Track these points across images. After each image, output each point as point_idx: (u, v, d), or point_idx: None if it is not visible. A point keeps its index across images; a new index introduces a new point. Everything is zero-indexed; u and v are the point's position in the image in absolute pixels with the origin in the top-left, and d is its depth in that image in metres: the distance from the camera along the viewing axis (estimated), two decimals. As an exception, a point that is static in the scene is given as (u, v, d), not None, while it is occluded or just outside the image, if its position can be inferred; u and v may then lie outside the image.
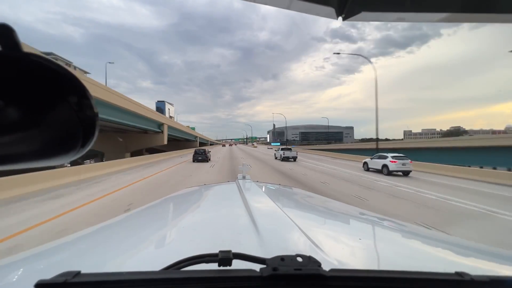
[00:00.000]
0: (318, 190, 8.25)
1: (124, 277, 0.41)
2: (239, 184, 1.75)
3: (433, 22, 0.53)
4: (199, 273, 0.44)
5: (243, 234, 0.86)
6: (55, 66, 0.27)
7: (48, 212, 5.66)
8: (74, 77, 0.29)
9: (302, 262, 0.47)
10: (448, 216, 5.81)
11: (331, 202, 1.77)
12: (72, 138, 0.30)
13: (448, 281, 0.46)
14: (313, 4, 0.47)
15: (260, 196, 1.46)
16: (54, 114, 0.28)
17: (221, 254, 0.47)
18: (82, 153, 0.31)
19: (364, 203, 6.83)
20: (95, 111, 0.31)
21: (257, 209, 1.05)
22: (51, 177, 8.99)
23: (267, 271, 0.44)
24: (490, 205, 6.82)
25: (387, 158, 13.54)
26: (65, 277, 0.40)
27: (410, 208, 6.41)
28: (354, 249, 0.82)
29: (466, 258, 0.86)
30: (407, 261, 0.79)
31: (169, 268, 0.49)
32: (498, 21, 0.51)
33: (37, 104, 0.27)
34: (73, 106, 0.29)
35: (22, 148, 0.27)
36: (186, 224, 1.08)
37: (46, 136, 0.28)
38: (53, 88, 0.27)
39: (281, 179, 10.96)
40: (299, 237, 0.78)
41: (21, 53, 0.25)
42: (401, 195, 7.98)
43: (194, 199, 1.67)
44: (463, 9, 0.49)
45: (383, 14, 0.50)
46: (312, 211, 1.48)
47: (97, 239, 1.00)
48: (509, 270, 0.78)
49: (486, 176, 12.24)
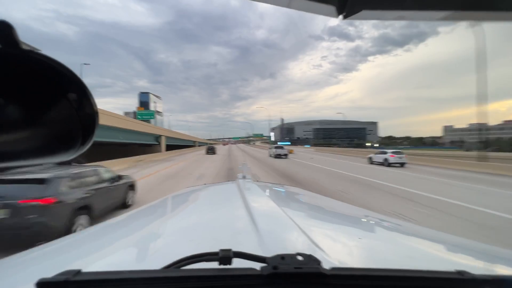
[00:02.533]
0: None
1: (125, 275, 0.41)
2: (239, 184, 1.75)
3: (434, 20, 0.52)
4: (200, 271, 0.44)
5: (243, 234, 0.86)
6: (55, 64, 0.27)
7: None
8: (75, 75, 0.28)
9: (302, 260, 0.46)
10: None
11: (331, 202, 1.76)
12: (72, 136, 0.29)
13: (449, 279, 0.45)
14: (313, 3, 0.47)
15: (260, 195, 1.45)
16: (54, 112, 0.27)
17: (221, 252, 0.47)
18: (82, 151, 0.31)
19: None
20: (95, 109, 0.30)
21: (257, 209, 1.05)
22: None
23: (268, 269, 0.43)
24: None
25: (387, 153, 17.26)
26: (66, 276, 0.40)
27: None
28: (354, 248, 0.82)
29: (467, 257, 0.85)
30: (407, 260, 0.78)
31: (169, 266, 0.49)
32: (499, 19, 0.50)
33: (37, 102, 0.26)
34: (73, 104, 0.28)
35: (22, 145, 0.26)
36: (186, 223, 1.08)
37: (46, 134, 0.27)
38: (53, 86, 0.27)
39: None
40: (299, 237, 0.78)
41: (20, 51, 0.25)
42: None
43: (194, 199, 1.67)
44: (464, 7, 0.48)
45: (384, 12, 0.49)
46: (312, 210, 1.47)
47: (97, 239, 1.01)
48: (510, 269, 0.78)
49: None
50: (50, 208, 3.55)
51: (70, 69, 0.28)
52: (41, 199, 3.50)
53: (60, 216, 3.69)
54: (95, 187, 4.74)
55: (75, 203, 4.03)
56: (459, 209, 6.07)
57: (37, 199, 3.48)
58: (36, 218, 3.42)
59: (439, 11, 0.49)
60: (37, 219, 3.42)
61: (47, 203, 3.53)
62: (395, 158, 16.74)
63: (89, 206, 4.35)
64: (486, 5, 0.49)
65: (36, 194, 3.53)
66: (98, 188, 4.83)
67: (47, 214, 3.51)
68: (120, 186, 5.86)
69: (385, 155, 17.35)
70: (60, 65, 0.27)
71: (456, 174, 13.16)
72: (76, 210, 4.00)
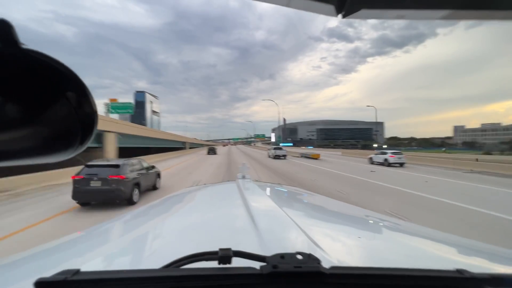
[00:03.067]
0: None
1: (124, 275, 0.41)
2: (238, 184, 1.73)
3: (434, 19, 0.50)
4: (199, 270, 0.43)
5: (243, 233, 0.85)
6: (54, 63, 0.27)
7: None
8: (74, 74, 0.28)
9: (302, 259, 0.46)
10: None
11: (331, 201, 1.76)
12: (70, 135, 0.29)
13: (448, 278, 0.45)
14: (312, 2, 0.46)
15: (259, 195, 1.44)
16: (52, 111, 0.27)
17: (221, 252, 0.46)
18: (80, 150, 0.31)
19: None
20: (94, 108, 0.30)
21: (256, 209, 1.04)
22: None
23: (267, 268, 0.43)
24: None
25: (387, 154, 18.50)
26: (64, 275, 0.40)
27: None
28: (354, 247, 0.82)
29: (467, 257, 0.85)
30: (407, 259, 0.78)
31: (169, 266, 0.49)
32: (499, 19, 0.50)
33: (36, 101, 0.26)
34: (72, 103, 0.28)
35: (20, 145, 0.26)
36: (186, 223, 1.09)
37: (45, 133, 0.27)
38: (52, 85, 0.27)
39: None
40: (299, 236, 0.77)
41: (20, 50, 0.24)
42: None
43: (194, 199, 1.67)
44: (464, 6, 0.48)
45: (383, 11, 0.48)
46: (312, 210, 1.48)
47: (97, 238, 1.01)
48: (509, 268, 0.78)
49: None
50: (123, 181, 6.23)
51: (69, 67, 0.28)
52: (118, 176, 6.17)
53: (127, 186, 6.36)
54: (141, 172, 7.39)
55: (133, 180, 6.70)
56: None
57: (116, 175, 6.16)
58: (116, 186, 6.11)
59: (439, 10, 0.48)
60: (116, 187, 6.12)
61: (121, 178, 6.20)
62: (394, 158, 17.78)
63: (139, 183, 7.00)
64: (486, 4, 0.48)
65: (115, 173, 6.21)
66: (143, 173, 7.48)
67: (121, 184, 6.19)
68: (153, 173, 8.51)
69: (385, 155, 18.49)
70: (59, 63, 0.27)
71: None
72: (133, 185, 6.66)
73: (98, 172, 6.19)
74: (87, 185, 6.04)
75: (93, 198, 6.25)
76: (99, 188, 6.06)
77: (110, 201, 6.24)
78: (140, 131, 28.07)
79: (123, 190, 6.19)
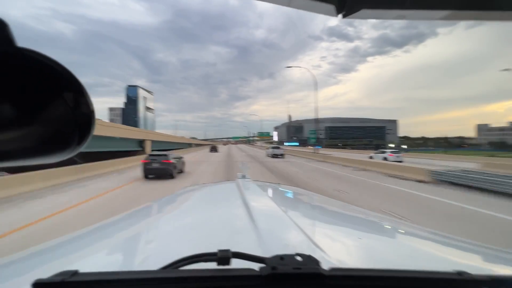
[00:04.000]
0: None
1: (122, 276, 0.41)
2: (238, 184, 1.71)
3: (434, 20, 0.51)
4: (198, 272, 0.43)
5: (242, 234, 0.85)
6: (50, 62, 0.27)
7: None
8: (70, 73, 0.28)
9: (301, 261, 0.46)
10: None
11: (331, 202, 1.77)
12: (67, 135, 0.29)
13: (448, 280, 0.45)
14: (313, 1, 0.47)
15: (259, 195, 1.43)
16: (49, 111, 0.27)
17: (220, 253, 0.47)
18: (77, 151, 0.31)
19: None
20: (91, 108, 0.30)
21: (256, 209, 1.04)
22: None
23: (266, 270, 0.43)
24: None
25: (386, 153, 20.66)
26: (62, 277, 0.40)
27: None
28: (354, 248, 0.82)
29: (467, 258, 0.85)
30: (407, 260, 0.78)
31: (167, 267, 0.49)
32: (500, 19, 0.50)
33: (32, 101, 0.26)
34: (69, 103, 0.28)
35: (16, 145, 0.26)
36: (185, 223, 1.08)
37: (41, 133, 0.27)
38: (48, 85, 0.27)
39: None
40: (298, 237, 0.77)
41: (15, 49, 0.24)
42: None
43: (193, 199, 1.68)
44: (464, 6, 0.48)
45: (384, 11, 0.49)
46: (311, 210, 1.47)
47: (94, 239, 1.02)
48: (510, 269, 0.78)
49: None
50: (170, 164, 10.84)
51: (65, 67, 0.28)
52: (167, 160, 10.75)
53: (172, 167, 10.94)
54: (177, 160, 11.87)
55: (175, 164, 11.25)
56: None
57: (166, 160, 10.75)
58: (166, 166, 10.73)
59: (439, 10, 0.48)
60: (167, 167, 10.74)
61: (170, 162, 10.81)
62: (393, 157, 19.49)
63: (176, 166, 11.47)
64: (486, 5, 0.48)
65: (166, 158, 10.81)
66: (177, 160, 11.96)
67: (171, 166, 10.83)
68: (182, 161, 12.99)
69: (384, 154, 20.62)
70: (56, 63, 0.27)
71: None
72: (174, 167, 11.16)
73: (156, 159, 10.72)
74: (150, 165, 10.59)
75: (153, 173, 10.74)
76: (157, 167, 10.61)
77: (163, 175, 10.70)
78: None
79: (170, 169, 10.77)
